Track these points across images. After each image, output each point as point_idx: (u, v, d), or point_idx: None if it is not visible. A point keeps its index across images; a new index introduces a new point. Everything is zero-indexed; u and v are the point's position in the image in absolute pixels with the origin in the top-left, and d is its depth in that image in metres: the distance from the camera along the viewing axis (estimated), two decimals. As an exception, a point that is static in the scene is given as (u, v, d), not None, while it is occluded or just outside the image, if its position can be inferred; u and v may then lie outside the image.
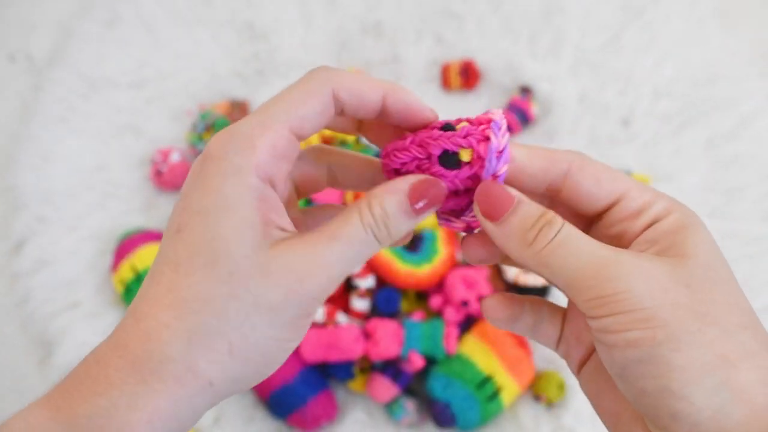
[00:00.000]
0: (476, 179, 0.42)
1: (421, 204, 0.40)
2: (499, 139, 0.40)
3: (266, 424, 1.07)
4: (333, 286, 0.39)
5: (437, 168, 0.41)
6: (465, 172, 0.41)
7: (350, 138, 1.24)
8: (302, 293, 0.37)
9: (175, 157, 1.26)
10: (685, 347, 0.35)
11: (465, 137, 0.41)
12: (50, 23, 1.51)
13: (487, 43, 1.43)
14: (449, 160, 0.41)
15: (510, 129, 1.30)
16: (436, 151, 0.41)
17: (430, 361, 1.06)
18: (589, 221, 0.44)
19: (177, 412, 0.36)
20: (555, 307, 0.47)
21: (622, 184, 0.41)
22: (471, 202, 0.43)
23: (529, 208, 0.40)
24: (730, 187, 1.26)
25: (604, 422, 0.42)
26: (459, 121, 0.43)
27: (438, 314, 1.09)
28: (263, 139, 0.38)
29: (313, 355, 1.03)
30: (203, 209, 0.37)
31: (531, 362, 1.06)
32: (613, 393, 0.41)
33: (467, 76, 1.36)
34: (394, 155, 0.43)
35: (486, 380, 1.03)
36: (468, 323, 1.09)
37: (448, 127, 0.42)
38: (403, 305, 1.12)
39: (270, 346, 0.38)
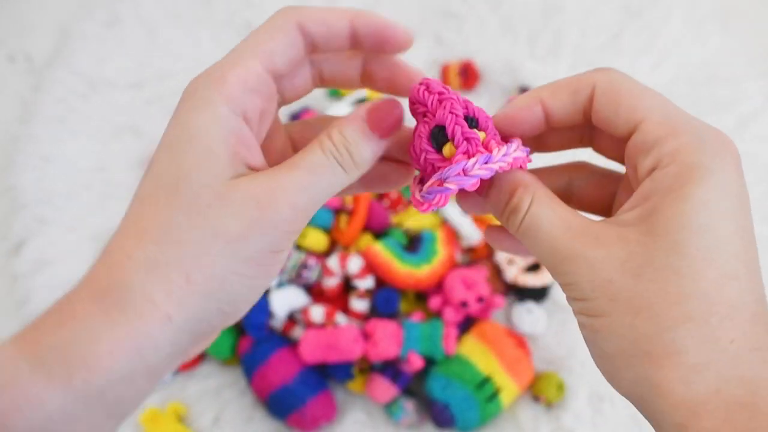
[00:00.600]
0: None
1: (381, 125, 0.41)
2: (486, 165, 0.40)
3: (265, 424, 1.07)
4: (299, 218, 0.38)
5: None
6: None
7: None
8: (264, 223, 0.37)
9: (174, 158, 1.26)
10: (615, 340, 0.36)
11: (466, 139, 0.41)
12: (50, 23, 1.51)
13: (487, 44, 1.43)
14: (437, 137, 0.42)
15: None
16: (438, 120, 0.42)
17: (430, 362, 1.06)
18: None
19: (138, 346, 0.35)
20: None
21: (640, 111, 0.39)
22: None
23: (497, 194, 0.42)
24: (730, 187, 1.25)
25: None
26: (481, 116, 0.43)
27: (437, 315, 1.09)
28: (233, 72, 0.38)
29: (312, 355, 1.03)
30: (170, 142, 0.38)
31: (530, 363, 1.06)
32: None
33: (467, 76, 1.36)
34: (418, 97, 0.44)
35: (485, 381, 1.03)
36: (467, 324, 1.10)
37: (471, 121, 0.42)
38: (403, 306, 1.12)
39: (232, 282, 0.37)
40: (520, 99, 0.43)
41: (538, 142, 0.47)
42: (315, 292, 1.11)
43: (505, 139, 0.43)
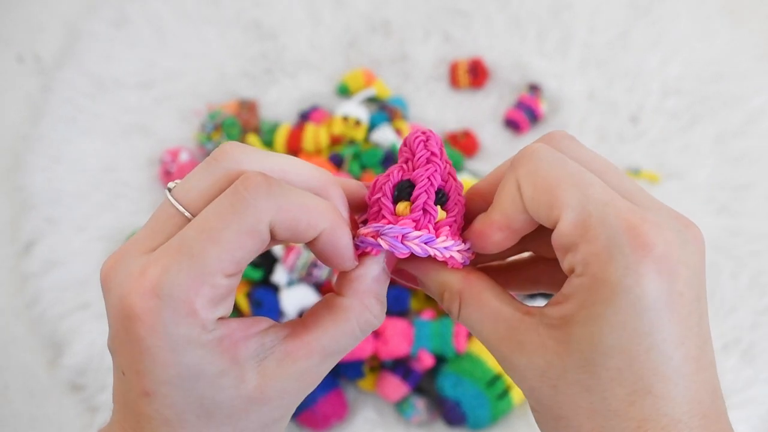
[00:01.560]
0: None
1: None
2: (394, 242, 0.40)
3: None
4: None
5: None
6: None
7: (359, 136, 1.25)
8: (293, 404, 0.39)
9: (184, 157, 1.27)
10: (555, 423, 0.37)
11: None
12: (58, 24, 1.52)
13: (496, 41, 1.43)
14: (401, 190, 0.41)
15: (519, 127, 1.30)
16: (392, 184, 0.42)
17: (440, 360, 1.06)
18: None
19: None
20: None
21: (556, 209, 0.35)
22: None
23: (428, 288, 0.43)
24: (738, 183, 1.25)
25: None
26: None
27: (447, 313, 1.09)
28: (201, 299, 0.34)
29: (323, 354, 1.02)
30: (170, 380, 0.35)
31: (541, 360, 1.06)
32: None
33: (476, 74, 1.36)
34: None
35: (496, 378, 1.03)
36: (478, 321, 1.09)
37: (442, 197, 0.41)
38: (413, 304, 1.12)
39: None
40: (477, 225, 0.41)
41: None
42: (325, 290, 1.11)
43: (466, 225, 0.42)
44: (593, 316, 0.34)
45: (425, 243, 0.39)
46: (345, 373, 1.05)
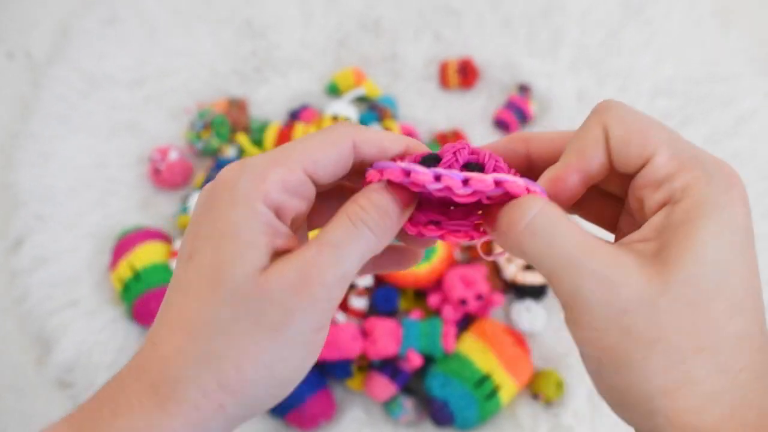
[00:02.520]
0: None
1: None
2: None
3: (264, 422, 1.07)
4: (335, 294, 0.38)
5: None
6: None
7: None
8: (302, 308, 0.37)
9: (173, 156, 1.26)
10: (626, 374, 0.35)
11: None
12: (50, 21, 1.51)
13: (486, 41, 1.43)
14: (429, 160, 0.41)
15: (508, 128, 1.30)
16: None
17: (429, 360, 1.06)
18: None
19: None
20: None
21: (650, 147, 0.38)
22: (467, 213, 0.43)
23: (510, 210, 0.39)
24: (729, 184, 1.26)
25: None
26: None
27: (436, 313, 1.10)
28: (274, 171, 0.38)
29: (311, 353, 1.03)
30: (212, 235, 0.38)
31: (529, 361, 1.06)
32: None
33: (465, 74, 1.36)
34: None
35: (484, 379, 1.03)
36: (466, 322, 1.10)
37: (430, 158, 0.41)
38: (402, 304, 1.12)
39: (280, 368, 0.38)
40: (552, 170, 0.41)
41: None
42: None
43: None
44: (697, 232, 0.35)
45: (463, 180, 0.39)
46: (333, 372, 1.05)
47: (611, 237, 0.45)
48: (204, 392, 0.37)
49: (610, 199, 0.44)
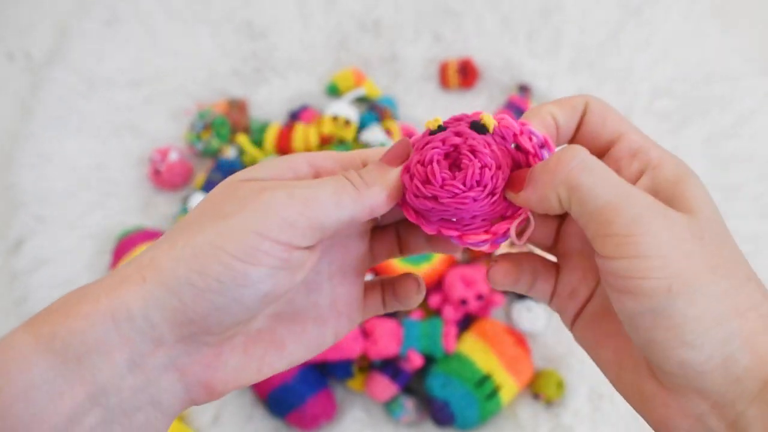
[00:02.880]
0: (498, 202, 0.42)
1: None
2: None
3: (265, 422, 1.07)
4: (295, 221, 0.38)
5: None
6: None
7: (349, 136, 1.25)
8: (257, 207, 0.38)
9: (173, 156, 1.26)
10: (700, 299, 0.35)
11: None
12: (49, 22, 1.51)
13: (486, 41, 1.43)
14: (477, 126, 0.42)
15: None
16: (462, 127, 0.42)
17: (429, 360, 1.06)
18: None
19: (112, 309, 0.36)
20: (548, 263, 0.47)
21: (624, 125, 0.42)
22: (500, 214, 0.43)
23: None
24: (728, 185, 1.26)
25: (604, 371, 0.43)
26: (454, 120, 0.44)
27: (437, 313, 1.10)
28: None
29: (311, 353, 1.03)
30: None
31: (530, 361, 1.06)
32: (614, 341, 0.42)
33: (465, 74, 1.36)
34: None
35: (485, 379, 1.03)
36: (467, 322, 1.10)
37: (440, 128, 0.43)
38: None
39: (209, 254, 0.37)
40: (534, 110, 0.44)
41: None
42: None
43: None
44: (692, 186, 0.39)
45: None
46: (334, 372, 1.05)
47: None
48: (138, 266, 0.38)
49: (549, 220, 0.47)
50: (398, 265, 1.08)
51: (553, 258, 0.48)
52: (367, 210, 0.41)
